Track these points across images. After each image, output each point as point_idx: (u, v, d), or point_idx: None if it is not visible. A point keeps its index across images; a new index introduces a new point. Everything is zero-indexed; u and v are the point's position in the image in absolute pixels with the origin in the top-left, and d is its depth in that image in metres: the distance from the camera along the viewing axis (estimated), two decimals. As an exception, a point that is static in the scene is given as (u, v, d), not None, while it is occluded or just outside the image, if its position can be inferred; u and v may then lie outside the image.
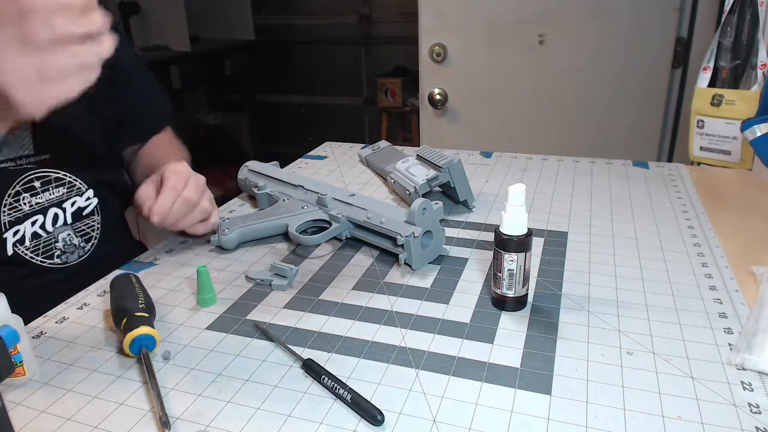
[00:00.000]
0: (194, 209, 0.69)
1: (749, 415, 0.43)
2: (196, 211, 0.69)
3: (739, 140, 1.07)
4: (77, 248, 0.75)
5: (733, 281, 0.61)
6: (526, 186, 0.55)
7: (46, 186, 0.71)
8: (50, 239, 0.72)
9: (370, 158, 1.00)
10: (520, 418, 0.44)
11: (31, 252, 0.70)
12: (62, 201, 0.73)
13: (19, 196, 0.68)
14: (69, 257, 0.74)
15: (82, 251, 0.75)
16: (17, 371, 0.49)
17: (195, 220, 0.70)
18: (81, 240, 0.75)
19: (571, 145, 1.60)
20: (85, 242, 0.76)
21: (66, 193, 0.73)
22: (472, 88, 1.64)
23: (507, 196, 0.54)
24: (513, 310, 0.57)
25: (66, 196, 0.73)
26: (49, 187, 0.71)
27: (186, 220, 0.69)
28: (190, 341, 0.54)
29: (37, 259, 0.71)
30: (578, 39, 1.53)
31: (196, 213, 0.69)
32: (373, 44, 3.26)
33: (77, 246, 0.75)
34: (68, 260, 0.74)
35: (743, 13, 1.09)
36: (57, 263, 0.73)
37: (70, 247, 0.74)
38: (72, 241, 0.74)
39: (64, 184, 0.73)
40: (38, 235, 0.71)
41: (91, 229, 0.76)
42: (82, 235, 0.75)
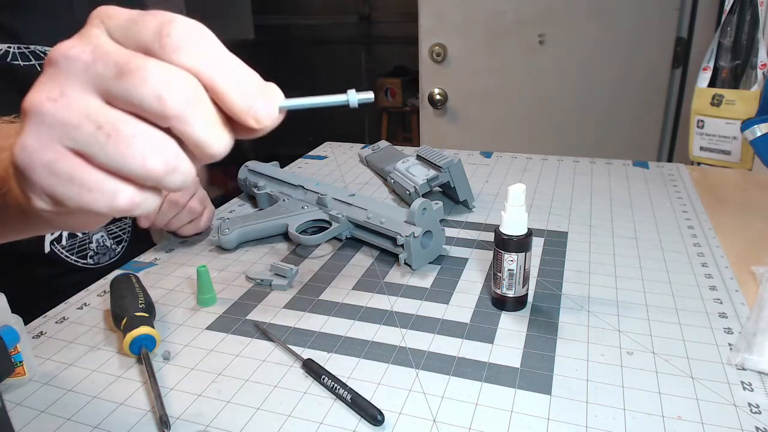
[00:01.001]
0: (182, 211, 0.69)
1: (749, 415, 0.43)
2: (183, 213, 0.70)
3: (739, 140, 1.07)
4: (109, 250, 0.77)
5: (733, 281, 0.61)
6: (526, 186, 0.55)
7: None
8: (85, 240, 0.74)
9: (370, 158, 1.00)
10: (520, 418, 0.44)
11: (66, 251, 0.72)
12: None
13: None
14: (101, 258, 0.76)
15: (113, 253, 0.77)
16: (17, 371, 0.49)
17: (183, 222, 0.71)
18: (113, 242, 0.77)
19: (571, 145, 1.60)
20: (116, 244, 0.78)
21: None
22: (472, 88, 1.64)
23: (507, 196, 0.54)
24: (513, 310, 0.57)
25: None
26: None
27: (174, 222, 0.70)
28: (190, 341, 0.54)
29: (71, 258, 0.72)
30: (578, 39, 1.53)
31: (184, 214, 0.70)
32: (373, 44, 3.26)
33: (109, 248, 0.77)
34: (100, 261, 0.76)
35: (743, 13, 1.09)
36: (89, 263, 0.74)
37: (103, 248, 0.76)
38: (105, 242, 0.76)
39: None
40: (74, 235, 0.73)
41: (122, 231, 0.79)
42: (113, 237, 0.78)
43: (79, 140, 0.24)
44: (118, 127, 0.24)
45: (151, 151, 0.24)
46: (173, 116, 0.24)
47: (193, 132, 0.25)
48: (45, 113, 0.24)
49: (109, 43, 0.25)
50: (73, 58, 0.24)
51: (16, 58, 0.67)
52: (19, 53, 0.68)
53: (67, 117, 0.24)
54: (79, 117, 0.24)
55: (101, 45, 0.25)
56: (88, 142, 0.24)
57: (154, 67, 0.24)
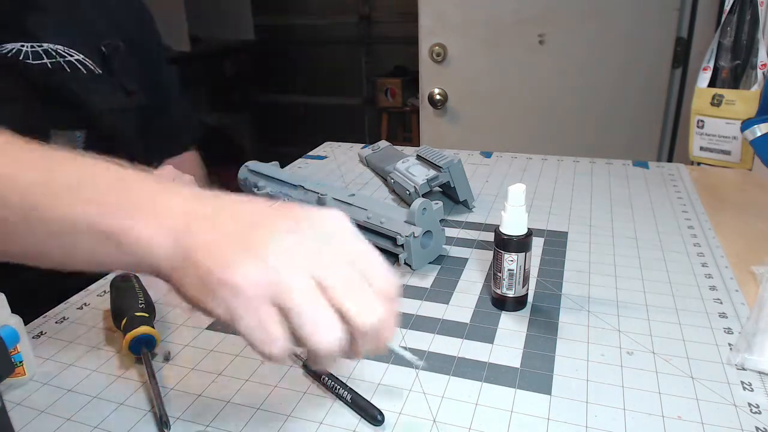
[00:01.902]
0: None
1: (749, 415, 0.43)
2: None
3: (739, 140, 1.07)
4: None
5: (733, 281, 0.61)
6: (526, 186, 0.55)
7: None
8: None
9: (370, 158, 1.00)
10: (520, 418, 0.44)
11: None
12: None
13: None
14: None
15: None
16: (17, 371, 0.49)
17: None
18: None
19: (571, 145, 1.60)
20: None
21: None
22: (472, 88, 1.64)
23: (507, 196, 0.54)
24: (513, 310, 0.57)
25: None
26: None
27: None
28: (190, 341, 0.54)
29: None
30: (578, 39, 1.53)
31: None
32: (373, 44, 3.26)
33: None
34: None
35: (743, 13, 1.09)
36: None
37: None
38: None
39: None
40: None
41: None
42: None
43: (286, 302, 0.31)
44: (317, 312, 0.31)
45: (327, 333, 0.31)
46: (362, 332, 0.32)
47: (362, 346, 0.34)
48: (279, 274, 0.31)
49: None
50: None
51: (28, 56, 0.68)
52: (32, 52, 0.68)
53: (291, 285, 0.31)
54: (298, 289, 0.31)
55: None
56: (291, 308, 0.31)
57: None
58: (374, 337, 0.33)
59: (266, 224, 0.33)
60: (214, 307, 0.31)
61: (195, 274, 0.32)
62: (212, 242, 0.32)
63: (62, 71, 0.70)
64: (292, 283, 0.31)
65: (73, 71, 0.71)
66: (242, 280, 0.31)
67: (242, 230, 0.33)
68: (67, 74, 0.70)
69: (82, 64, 0.72)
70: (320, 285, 0.32)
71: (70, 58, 0.71)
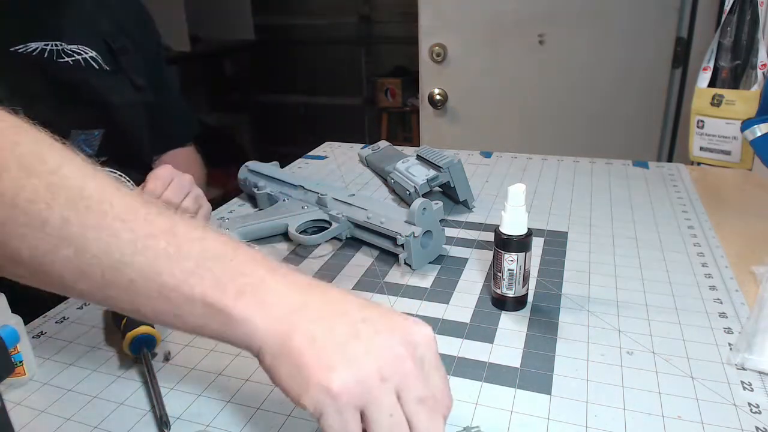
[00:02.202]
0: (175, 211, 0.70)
1: (749, 415, 0.43)
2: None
3: (739, 140, 1.07)
4: None
5: (733, 281, 0.61)
6: (526, 186, 0.55)
7: None
8: None
9: (370, 158, 1.00)
10: (520, 418, 0.44)
11: None
12: None
13: None
14: None
15: None
16: (17, 371, 0.49)
17: None
18: None
19: (571, 145, 1.60)
20: None
21: None
22: (472, 88, 1.64)
23: (507, 196, 0.54)
24: (513, 310, 0.57)
25: None
26: None
27: None
28: (190, 341, 0.54)
29: None
30: (578, 39, 1.53)
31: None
32: (373, 44, 3.26)
33: None
34: None
35: (743, 13, 1.09)
36: None
37: None
38: None
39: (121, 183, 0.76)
40: None
41: None
42: None
43: (371, 413, 0.33)
44: (394, 428, 0.33)
45: None
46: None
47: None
48: (371, 387, 0.33)
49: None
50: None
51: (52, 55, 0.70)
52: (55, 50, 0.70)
53: (380, 399, 0.33)
54: (386, 405, 0.33)
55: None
56: (376, 420, 0.33)
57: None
58: None
59: (365, 331, 0.34)
60: (306, 402, 0.33)
61: (293, 365, 0.33)
62: (316, 341, 0.33)
63: (82, 69, 0.71)
64: (382, 399, 0.33)
65: (89, 68, 0.72)
66: (340, 388, 0.32)
67: (346, 332, 0.34)
68: (86, 71, 0.72)
69: (95, 60, 0.73)
70: (399, 396, 0.34)
71: (86, 55, 0.72)
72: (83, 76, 0.72)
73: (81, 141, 0.72)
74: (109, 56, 0.76)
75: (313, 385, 0.32)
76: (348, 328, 0.34)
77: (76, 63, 0.71)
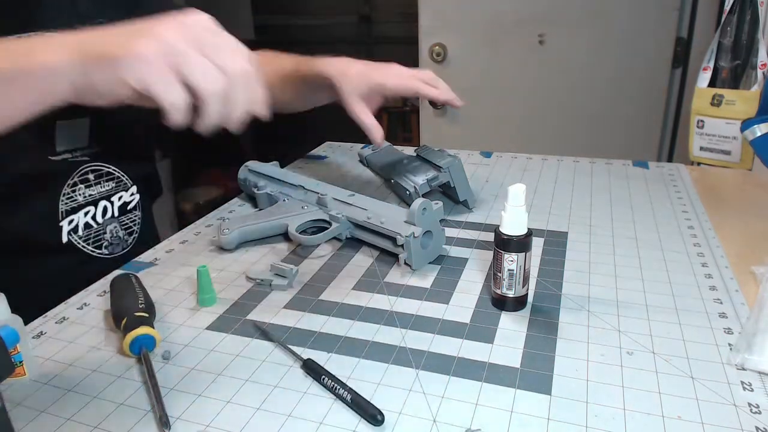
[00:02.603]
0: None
1: (749, 415, 0.43)
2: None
3: (739, 140, 1.07)
4: (122, 241, 0.78)
5: (733, 281, 0.61)
6: (526, 186, 0.55)
7: (98, 179, 0.75)
8: (100, 230, 0.75)
9: (370, 158, 1.00)
10: (520, 418, 0.44)
11: (83, 241, 0.73)
12: (111, 195, 0.77)
13: (75, 187, 0.72)
14: (115, 248, 0.77)
15: (125, 244, 0.79)
16: (17, 371, 0.49)
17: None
18: (125, 233, 0.79)
19: (571, 145, 1.60)
20: (128, 235, 0.79)
21: (114, 188, 0.77)
22: (472, 88, 1.65)
23: (507, 196, 0.54)
24: (513, 310, 0.57)
25: (114, 190, 0.77)
26: (101, 181, 0.75)
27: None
28: (190, 341, 0.54)
29: (88, 248, 0.74)
30: (578, 39, 1.53)
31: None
32: (373, 44, 3.26)
33: (122, 239, 0.78)
34: (114, 251, 0.77)
35: (743, 13, 1.09)
36: (104, 253, 0.76)
37: (116, 239, 0.77)
38: (118, 233, 0.77)
39: (113, 178, 0.77)
40: (90, 226, 0.74)
41: (133, 223, 0.80)
42: (125, 228, 0.79)
43: (180, 68, 0.44)
44: (204, 66, 0.45)
45: (213, 80, 0.46)
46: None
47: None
48: (169, 42, 0.44)
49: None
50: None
51: None
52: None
53: (180, 49, 0.45)
54: (186, 52, 0.45)
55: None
56: (185, 64, 0.44)
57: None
58: (243, 87, 0.47)
59: (145, 24, 0.46)
60: (128, 83, 0.43)
61: (103, 68, 0.44)
62: (110, 38, 0.45)
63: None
64: (181, 48, 0.44)
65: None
66: (145, 50, 0.43)
67: (129, 29, 0.46)
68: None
69: None
70: (200, 51, 0.45)
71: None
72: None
73: (66, 132, 0.71)
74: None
75: (125, 64, 0.44)
76: (131, 28, 0.46)
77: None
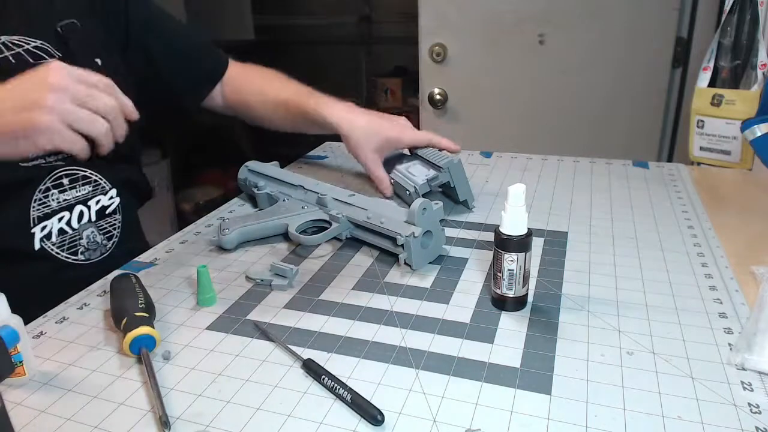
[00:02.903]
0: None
1: (749, 415, 0.43)
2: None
3: (739, 140, 1.07)
4: (100, 246, 0.76)
5: (733, 281, 0.61)
6: (526, 186, 0.55)
7: (74, 183, 0.73)
8: (75, 236, 0.74)
9: None
10: (520, 418, 0.44)
11: (57, 247, 0.72)
12: (87, 199, 0.75)
13: (48, 192, 0.71)
14: (92, 254, 0.75)
15: (104, 249, 0.77)
16: (17, 371, 0.49)
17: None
18: (103, 238, 0.77)
19: (571, 145, 1.60)
20: (107, 240, 0.78)
21: (91, 192, 0.75)
22: (472, 88, 1.64)
23: (507, 196, 0.54)
24: (513, 310, 0.57)
25: (91, 194, 0.75)
26: (76, 185, 0.73)
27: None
28: (190, 341, 0.54)
29: (62, 254, 0.72)
30: (578, 39, 1.53)
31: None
32: (373, 44, 3.26)
33: (100, 244, 0.76)
34: (91, 257, 0.75)
35: (743, 13, 1.09)
36: (81, 259, 0.74)
37: (93, 244, 0.76)
38: (95, 238, 0.76)
39: (90, 182, 0.75)
40: (64, 232, 0.73)
41: (112, 227, 0.78)
42: (104, 233, 0.77)
43: (73, 124, 0.58)
44: (89, 119, 0.59)
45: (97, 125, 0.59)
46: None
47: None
48: (57, 109, 0.57)
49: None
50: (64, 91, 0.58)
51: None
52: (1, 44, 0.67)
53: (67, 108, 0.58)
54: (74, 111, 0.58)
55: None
56: (74, 122, 0.58)
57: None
58: (117, 116, 0.61)
59: (28, 92, 0.57)
60: (37, 147, 0.58)
61: (7, 141, 0.57)
62: (5, 116, 0.56)
63: (26, 62, 0.68)
64: (69, 109, 0.57)
65: (36, 60, 0.69)
66: (45, 122, 0.56)
67: (17, 100, 0.57)
68: (31, 64, 0.68)
69: (41, 50, 0.70)
70: (82, 104, 0.58)
71: (28, 46, 0.69)
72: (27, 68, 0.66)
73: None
74: (57, 42, 0.71)
75: (30, 135, 0.57)
76: (20, 96, 0.57)
77: (16, 56, 0.67)
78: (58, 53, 0.71)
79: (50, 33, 0.71)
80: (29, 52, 0.69)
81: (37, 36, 0.70)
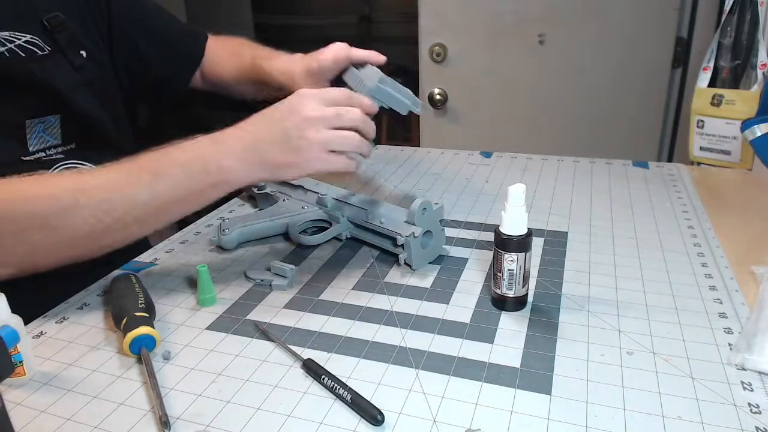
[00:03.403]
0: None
1: (749, 415, 0.43)
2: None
3: (739, 140, 1.07)
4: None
5: (733, 281, 0.62)
6: (526, 186, 0.55)
7: None
8: None
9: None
10: (520, 418, 0.44)
11: None
12: None
13: None
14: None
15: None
16: (17, 371, 0.49)
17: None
18: None
19: (571, 145, 1.60)
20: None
21: None
22: (472, 88, 1.64)
23: (507, 196, 0.54)
24: (513, 310, 0.57)
25: None
26: None
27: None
28: (190, 341, 0.54)
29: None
30: (578, 39, 1.53)
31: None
32: (373, 44, 3.25)
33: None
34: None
35: (743, 13, 1.09)
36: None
37: None
38: None
39: None
40: None
41: None
42: None
43: (335, 148, 0.61)
44: (349, 139, 0.61)
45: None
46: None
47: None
48: (316, 139, 0.60)
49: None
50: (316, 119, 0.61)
51: None
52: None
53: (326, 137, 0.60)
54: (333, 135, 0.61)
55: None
56: (338, 147, 0.61)
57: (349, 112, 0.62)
58: (367, 125, 0.63)
59: (291, 128, 0.60)
60: (305, 174, 0.62)
61: (282, 171, 0.61)
62: (276, 150, 0.61)
63: (18, 57, 0.67)
64: (328, 137, 0.60)
65: (28, 54, 0.68)
66: (312, 156, 0.60)
67: (279, 136, 0.61)
68: (23, 59, 0.67)
69: (32, 44, 0.69)
70: (335, 126, 0.60)
71: (19, 41, 0.68)
72: (21, 63, 0.67)
73: (40, 130, 0.69)
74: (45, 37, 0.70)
75: (293, 164, 0.61)
76: (281, 135, 0.60)
77: (11, 52, 0.66)
78: (48, 48, 0.70)
79: (37, 27, 0.70)
80: (21, 47, 0.68)
81: (25, 30, 0.69)
